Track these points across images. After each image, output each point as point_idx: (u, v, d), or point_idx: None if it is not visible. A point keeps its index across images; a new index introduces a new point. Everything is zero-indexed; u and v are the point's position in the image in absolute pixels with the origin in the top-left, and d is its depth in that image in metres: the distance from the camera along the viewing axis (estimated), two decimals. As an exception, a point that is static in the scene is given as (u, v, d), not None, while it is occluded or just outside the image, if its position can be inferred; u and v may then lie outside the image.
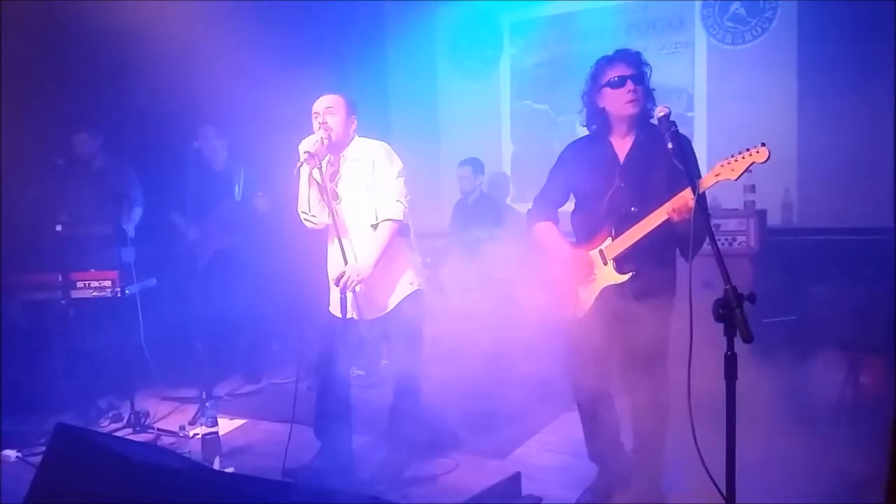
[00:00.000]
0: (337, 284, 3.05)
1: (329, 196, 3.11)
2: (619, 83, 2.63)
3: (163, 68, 4.41)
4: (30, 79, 4.29)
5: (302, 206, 3.18)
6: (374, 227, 3.15)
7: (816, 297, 4.17)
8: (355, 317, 3.15)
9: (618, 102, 2.66)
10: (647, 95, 2.66)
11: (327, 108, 3.17)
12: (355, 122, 3.27)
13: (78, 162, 4.64)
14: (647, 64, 2.71)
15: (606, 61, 2.71)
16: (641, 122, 2.70)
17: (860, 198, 4.27)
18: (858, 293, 3.94)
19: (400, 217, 3.15)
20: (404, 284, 3.24)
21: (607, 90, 2.67)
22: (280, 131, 4.04)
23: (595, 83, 2.72)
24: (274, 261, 4.66)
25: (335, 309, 3.24)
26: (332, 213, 3.08)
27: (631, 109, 2.65)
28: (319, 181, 3.09)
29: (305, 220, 3.21)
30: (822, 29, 4.58)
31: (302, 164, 3.01)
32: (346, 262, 3.04)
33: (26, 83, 4.25)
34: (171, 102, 4.48)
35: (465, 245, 5.04)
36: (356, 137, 3.28)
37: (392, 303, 3.22)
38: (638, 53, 2.72)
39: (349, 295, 3.10)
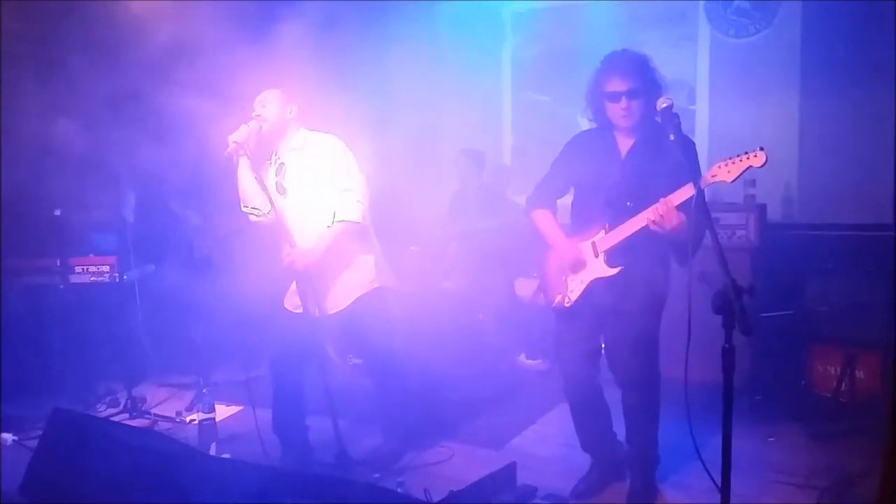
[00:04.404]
0: (284, 266, 3.00)
1: (265, 186, 2.99)
2: (615, 98, 2.62)
3: (159, 56, 4.37)
4: (28, 63, 4.26)
5: (243, 199, 3.10)
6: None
7: (815, 293, 4.18)
8: (316, 313, 3.07)
9: (614, 115, 2.67)
10: (646, 104, 2.58)
11: (259, 100, 3.07)
12: (295, 110, 3.10)
13: (68, 147, 4.61)
14: (651, 69, 2.62)
15: (606, 69, 2.66)
16: (646, 119, 2.66)
17: (861, 193, 4.26)
18: (857, 289, 3.94)
19: (359, 219, 3.02)
20: (363, 282, 3.17)
21: (605, 100, 2.66)
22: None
23: (597, 87, 2.69)
24: (271, 248, 4.64)
25: (290, 304, 3.19)
26: (274, 206, 2.98)
27: (624, 123, 2.67)
28: (254, 172, 2.99)
29: (249, 214, 3.13)
30: (825, 23, 4.55)
31: (229, 152, 2.92)
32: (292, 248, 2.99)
33: (25, 67, 4.22)
34: (170, 88, 4.44)
35: (465, 236, 5.04)
36: (301, 128, 3.14)
37: (348, 299, 3.14)
38: (639, 59, 2.64)
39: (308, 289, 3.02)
